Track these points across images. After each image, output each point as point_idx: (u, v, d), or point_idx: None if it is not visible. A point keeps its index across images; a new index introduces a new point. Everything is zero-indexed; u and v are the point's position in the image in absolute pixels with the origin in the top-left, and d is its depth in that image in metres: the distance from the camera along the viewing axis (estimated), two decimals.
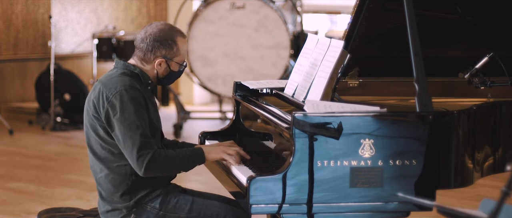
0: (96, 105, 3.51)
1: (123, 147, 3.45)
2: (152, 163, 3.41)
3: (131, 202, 3.55)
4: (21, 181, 6.63)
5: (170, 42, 3.58)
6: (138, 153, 3.41)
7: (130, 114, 3.44)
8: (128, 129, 3.42)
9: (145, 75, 3.60)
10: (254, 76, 8.85)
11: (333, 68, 3.46)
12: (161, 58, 3.57)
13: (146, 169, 3.41)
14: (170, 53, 3.58)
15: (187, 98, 10.49)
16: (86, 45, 10.05)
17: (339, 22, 10.91)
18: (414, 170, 3.32)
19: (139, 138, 3.41)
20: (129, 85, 3.50)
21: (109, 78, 3.57)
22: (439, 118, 3.36)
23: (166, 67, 3.61)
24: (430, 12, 4.07)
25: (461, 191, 3.94)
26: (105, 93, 3.49)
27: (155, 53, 3.57)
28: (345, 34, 3.95)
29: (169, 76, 3.65)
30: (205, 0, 8.98)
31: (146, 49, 3.58)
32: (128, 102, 3.45)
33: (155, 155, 3.42)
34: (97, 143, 3.56)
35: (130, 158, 3.43)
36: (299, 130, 3.25)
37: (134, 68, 3.60)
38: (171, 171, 3.56)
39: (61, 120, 9.01)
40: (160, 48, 3.57)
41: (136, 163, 3.42)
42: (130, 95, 3.46)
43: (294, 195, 3.26)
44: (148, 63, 3.60)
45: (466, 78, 3.97)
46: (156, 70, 3.61)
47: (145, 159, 3.40)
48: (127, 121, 3.43)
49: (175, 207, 3.57)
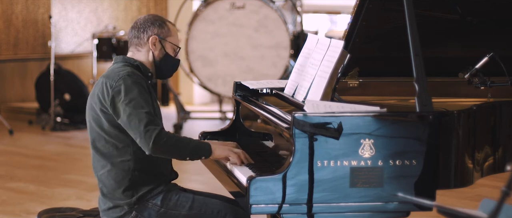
0: (101, 97, 3.55)
1: (129, 127, 3.46)
2: (160, 138, 3.42)
3: (133, 199, 3.56)
4: (21, 181, 6.63)
5: (160, 22, 3.68)
6: (145, 128, 3.42)
7: (134, 95, 3.49)
8: (133, 108, 3.46)
9: (145, 67, 3.66)
10: (254, 76, 8.85)
11: (333, 68, 3.46)
12: (154, 36, 3.64)
13: (154, 143, 3.41)
14: (162, 32, 3.66)
15: (187, 98, 10.49)
16: (86, 45, 10.05)
17: (339, 22, 10.91)
18: (414, 170, 3.32)
19: (145, 115, 3.45)
20: (132, 72, 3.57)
21: (111, 71, 3.63)
22: (439, 118, 3.36)
23: (161, 48, 3.66)
24: (430, 12, 4.07)
25: (461, 191, 3.94)
26: (109, 83, 3.54)
27: (147, 33, 3.66)
28: (345, 34, 3.95)
29: (166, 60, 3.67)
30: (205, 0, 8.98)
31: (138, 32, 3.67)
32: (132, 85, 3.50)
33: (162, 131, 3.44)
34: (101, 137, 3.57)
35: (138, 134, 3.44)
36: (299, 130, 3.25)
37: (134, 60, 3.66)
38: (178, 152, 3.53)
39: (61, 120, 9.01)
40: (152, 27, 3.66)
41: (144, 137, 3.42)
42: (133, 79, 3.52)
43: (294, 195, 3.26)
44: (143, 46, 3.67)
45: (466, 78, 3.97)
46: (152, 53, 3.66)
47: (153, 133, 3.42)
48: (132, 101, 3.47)
49: (176, 204, 3.58)
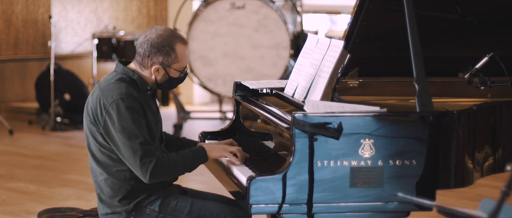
0: (94, 114, 3.50)
1: (124, 157, 3.44)
2: (156, 170, 3.40)
3: (130, 206, 3.55)
4: (21, 181, 6.63)
5: (168, 49, 3.51)
6: (141, 162, 3.40)
7: (128, 123, 3.41)
8: (127, 138, 3.40)
9: (143, 82, 3.56)
10: (254, 76, 8.85)
11: (333, 68, 3.46)
12: (158, 65, 3.53)
13: (150, 176, 3.40)
14: (168, 60, 3.53)
15: (187, 98, 10.49)
16: (86, 45, 10.05)
17: (339, 22, 10.91)
18: (414, 170, 3.32)
19: (140, 146, 3.40)
20: (125, 93, 3.46)
21: (107, 83, 3.54)
22: (439, 118, 3.36)
23: (164, 73, 3.56)
24: (430, 12, 4.07)
25: (461, 191, 3.94)
26: (103, 101, 3.47)
27: (152, 59, 3.52)
28: (345, 34, 3.95)
29: (169, 82, 3.61)
30: (205, 0, 8.98)
31: (143, 54, 3.53)
32: (125, 112, 3.42)
33: (158, 161, 3.41)
34: (96, 147, 3.55)
35: (134, 167, 3.42)
36: (299, 130, 3.25)
37: (133, 74, 3.56)
38: (175, 174, 3.55)
39: (61, 120, 9.01)
40: (157, 55, 3.51)
41: (140, 171, 3.41)
42: (127, 105, 3.43)
43: (294, 195, 3.26)
44: (146, 69, 3.56)
45: (466, 78, 3.97)
46: (154, 76, 3.57)
47: (149, 167, 3.39)
48: (125, 130, 3.41)
49: (175, 209, 3.57)
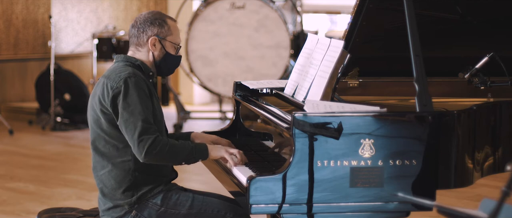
0: (101, 98, 3.54)
1: (125, 132, 3.47)
2: (153, 148, 3.42)
3: (133, 198, 3.56)
4: (21, 181, 6.63)
5: (160, 21, 3.63)
6: (139, 138, 3.42)
7: (133, 99, 3.47)
8: (130, 114, 3.45)
9: (146, 67, 3.63)
10: (254, 76, 8.86)
11: (333, 68, 3.46)
12: (154, 37, 3.60)
13: (146, 153, 3.42)
14: (162, 31, 3.62)
15: (187, 98, 10.49)
16: (86, 45, 10.05)
17: (339, 22, 10.91)
18: (414, 170, 3.32)
19: (141, 123, 3.43)
20: (133, 73, 3.54)
21: (112, 71, 3.61)
22: (439, 118, 3.36)
23: (161, 47, 3.63)
24: (430, 12, 4.07)
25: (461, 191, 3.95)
26: (110, 83, 3.52)
27: (147, 33, 3.61)
28: (345, 34, 3.94)
29: (166, 59, 3.65)
30: (205, 0, 8.98)
31: (138, 32, 3.63)
32: (132, 89, 3.48)
33: (156, 141, 3.43)
34: (101, 138, 3.57)
35: (132, 142, 3.45)
36: (299, 130, 3.25)
37: (135, 60, 3.63)
38: (172, 159, 3.55)
39: (61, 120, 9.01)
40: (151, 27, 3.61)
41: (136, 147, 3.43)
42: (134, 82, 3.50)
43: (294, 195, 3.26)
44: (143, 47, 3.63)
45: (466, 78, 3.97)
46: (152, 53, 3.63)
47: (146, 144, 3.42)
48: (130, 106, 3.46)
49: (176, 203, 3.58)
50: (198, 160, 3.57)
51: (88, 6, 10.22)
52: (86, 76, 9.84)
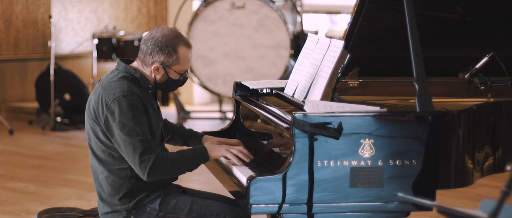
0: (96, 111, 3.51)
1: (124, 153, 3.45)
2: (155, 167, 3.41)
3: (130, 204, 3.55)
4: (21, 181, 6.63)
5: (170, 49, 3.53)
6: (140, 159, 3.40)
7: (128, 120, 3.42)
8: (127, 135, 3.41)
9: (145, 80, 3.58)
10: (254, 76, 8.85)
11: (333, 68, 3.46)
12: (158, 64, 3.54)
13: (149, 173, 3.41)
14: (169, 60, 3.54)
15: (187, 98, 10.49)
16: (86, 45, 10.05)
17: (339, 22, 10.90)
18: (414, 170, 3.32)
19: (140, 143, 3.40)
20: (127, 90, 3.47)
21: (109, 81, 3.55)
22: (439, 118, 3.36)
23: (164, 74, 3.57)
24: (430, 12, 4.07)
25: (461, 191, 3.95)
26: (104, 98, 3.48)
27: (153, 58, 3.53)
28: (345, 34, 3.94)
29: (168, 83, 3.61)
30: (205, 0, 8.98)
31: (146, 52, 3.55)
32: (127, 109, 3.43)
33: (157, 159, 3.41)
34: (97, 146, 3.56)
35: (133, 163, 3.43)
36: (299, 130, 3.25)
37: (135, 72, 3.57)
38: (175, 173, 3.56)
39: (61, 120, 9.01)
40: (159, 54, 3.52)
41: (139, 168, 3.42)
42: (128, 102, 3.44)
43: (294, 195, 3.26)
44: (147, 67, 3.57)
45: (466, 78, 3.98)
46: (154, 75, 3.58)
47: (148, 164, 3.40)
48: (126, 127, 3.42)
49: (175, 208, 3.57)
50: (199, 165, 3.56)
51: (88, 6, 10.22)
52: (86, 76, 9.84)
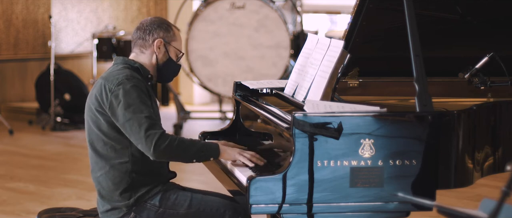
0: (100, 99, 3.53)
1: (130, 132, 3.43)
2: (161, 142, 3.38)
3: (130, 200, 3.56)
4: (21, 181, 6.63)
5: (166, 26, 3.66)
6: (146, 133, 3.39)
7: (133, 99, 3.45)
8: (133, 113, 3.42)
9: (145, 69, 3.63)
10: (254, 76, 8.85)
11: (333, 68, 3.46)
12: (160, 39, 3.62)
13: (155, 148, 3.38)
14: (168, 36, 3.64)
15: (187, 98, 10.49)
16: (86, 45, 10.05)
17: (339, 22, 10.91)
18: (414, 170, 3.32)
19: (145, 119, 3.41)
20: (131, 75, 3.53)
21: (110, 73, 3.60)
22: (439, 118, 3.36)
23: (165, 52, 3.64)
24: (430, 12, 4.07)
25: (461, 191, 3.95)
26: (108, 86, 3.51)
27: (153, 35, 3.62)
28: (345, 34, 3.94)
29: (168, 64, 3.65)
30: (205, 0, 8.98)
31: (144, 33, 3.63)
32: (131, 89, 3.47)
33: (164, 135, 3.40)
34: (99, 139, 3.56)
35: (138, 140, 3.41)
36: (299, 130, 3.25)
37: (134, 62, 3.63)
38: (182, 155, 3.47)
39: (61, 120, 9.01)
40: (158, 30, 3.63)
41: (144, 143, 3.39)
42: (132, 83, 3.49)
43: (294, 195, 3.26)
44: (147, 48, 3.63)
45: (466, 78, 3.97)
46: (155, 55, 3.62)
47: (154, 138, 3.38)
48: (131, 106, 3.44)
49: (175, 203, 3.58)
50: (209, 157, 3.54)
51: (88, 6, 10.22)
52: (86, 76, 9.84)
